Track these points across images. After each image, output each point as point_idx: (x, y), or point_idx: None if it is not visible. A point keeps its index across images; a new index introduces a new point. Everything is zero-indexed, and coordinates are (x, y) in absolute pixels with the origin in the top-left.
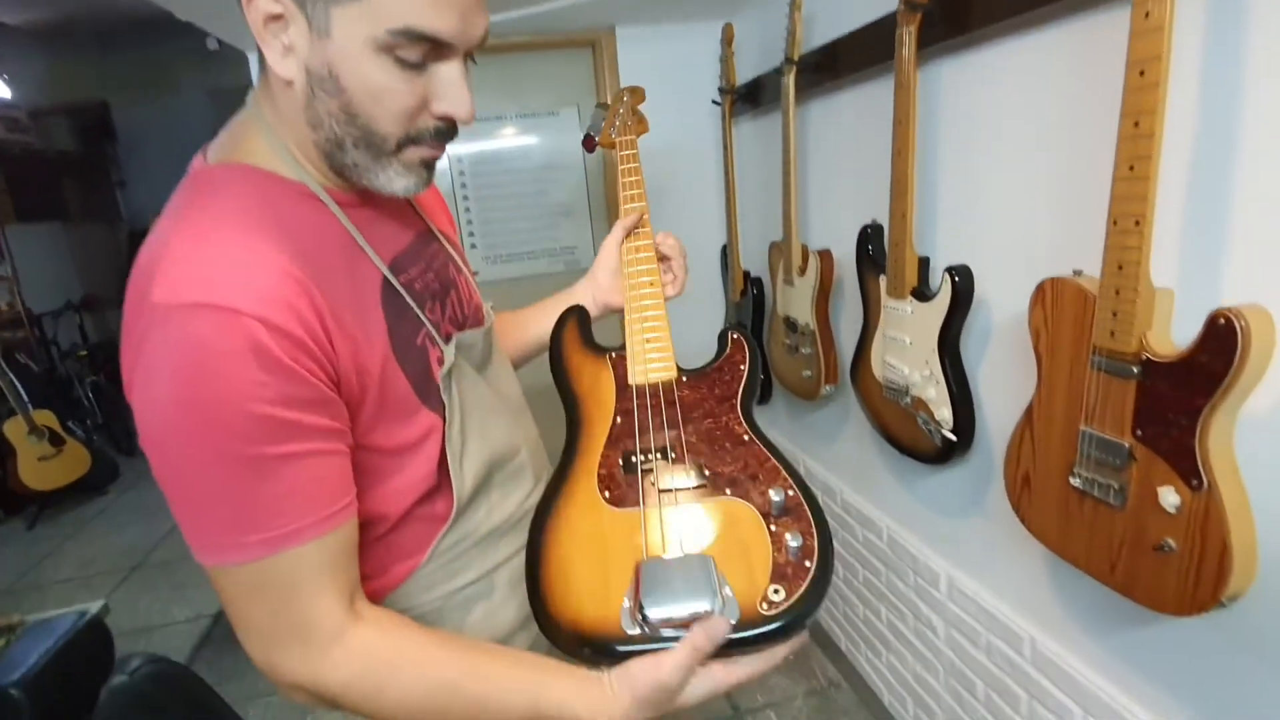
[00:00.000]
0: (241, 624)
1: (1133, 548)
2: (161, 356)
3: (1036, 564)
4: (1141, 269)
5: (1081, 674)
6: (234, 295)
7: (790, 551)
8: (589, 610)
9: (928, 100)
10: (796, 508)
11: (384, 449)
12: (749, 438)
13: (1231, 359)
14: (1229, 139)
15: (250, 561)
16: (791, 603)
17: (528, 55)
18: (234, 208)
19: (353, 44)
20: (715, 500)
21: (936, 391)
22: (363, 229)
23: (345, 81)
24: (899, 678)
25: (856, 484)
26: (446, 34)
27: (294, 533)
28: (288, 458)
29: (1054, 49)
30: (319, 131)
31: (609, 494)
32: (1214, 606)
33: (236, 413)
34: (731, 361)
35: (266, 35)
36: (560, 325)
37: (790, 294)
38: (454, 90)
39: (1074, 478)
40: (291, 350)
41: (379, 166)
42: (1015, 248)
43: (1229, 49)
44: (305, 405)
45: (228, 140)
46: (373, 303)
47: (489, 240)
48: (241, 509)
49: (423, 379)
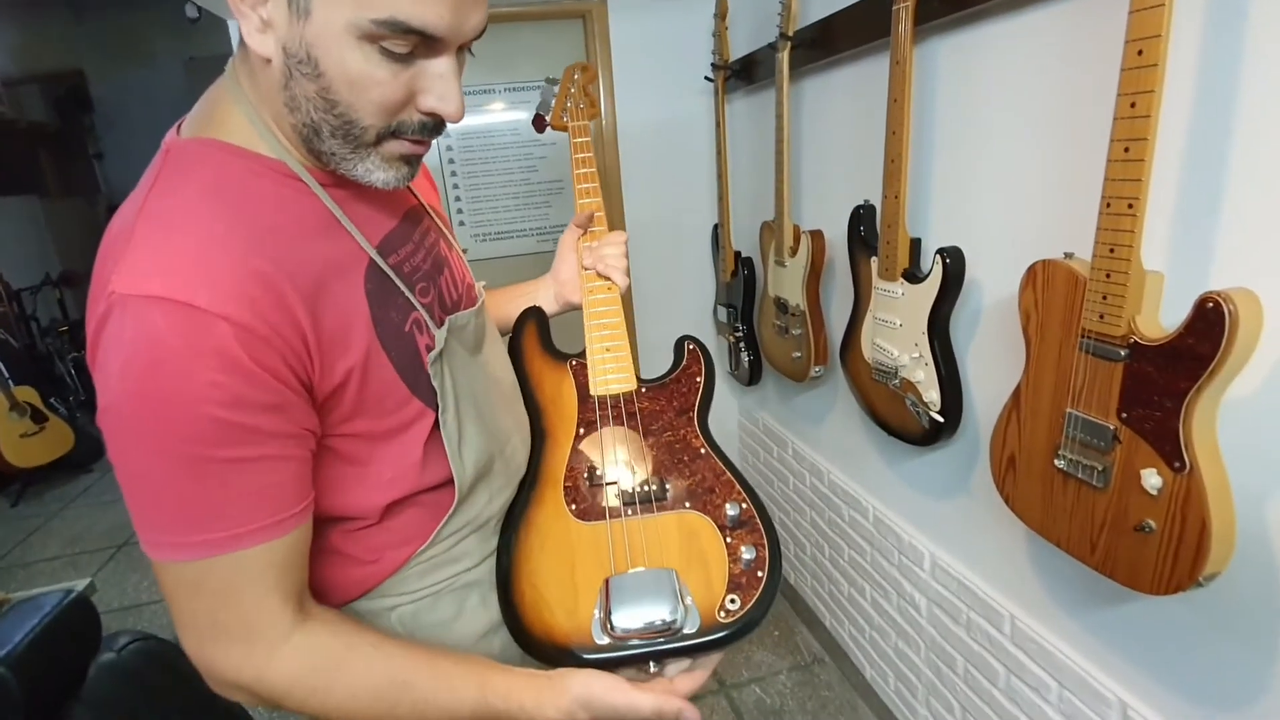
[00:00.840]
0: (180, 619)
1: (1114, 528)
2: (116, 347)
3: (1019, 544)
4: (1133, 252)
5: (1060, 650)
6: (194, 290)
7: (744, 563)
8: (561, 621)
9: (923, 79)
10: (750, 520)
11: (371, 437)
12: (705, 451)
13: (1219, 342)
14: (1225, 122)
15: (191, 560)
16: (746, 610)
17: (517, 26)
18: (204, 190)
19: (333, 28)
20: (675, 514)
21: (925, 374)
22: (347, 209)
23: (324, 66)
24: (881, 653)
25: (844, 464)
26: (436, 28)
27: (239, 537)
28: (238, 462)
29: (1052, 27)
30: (296, 115)
31: (575, 506)
32: (1191, 586)
33: (186, 413)
34: (688, 373)
35: (243, 7)
36: (519, 330)
37: (781, 275)
38: (443, 86)
39: (1058, 459)
40: (253, 349)
41: (356, 158)
42: (1008, 230)
43: (1228, 30)
44: (261, 409)
45: (202, 113)
46: (355, 288)
47: (477, 218)
48: (186, 509)
49: (411, 366)
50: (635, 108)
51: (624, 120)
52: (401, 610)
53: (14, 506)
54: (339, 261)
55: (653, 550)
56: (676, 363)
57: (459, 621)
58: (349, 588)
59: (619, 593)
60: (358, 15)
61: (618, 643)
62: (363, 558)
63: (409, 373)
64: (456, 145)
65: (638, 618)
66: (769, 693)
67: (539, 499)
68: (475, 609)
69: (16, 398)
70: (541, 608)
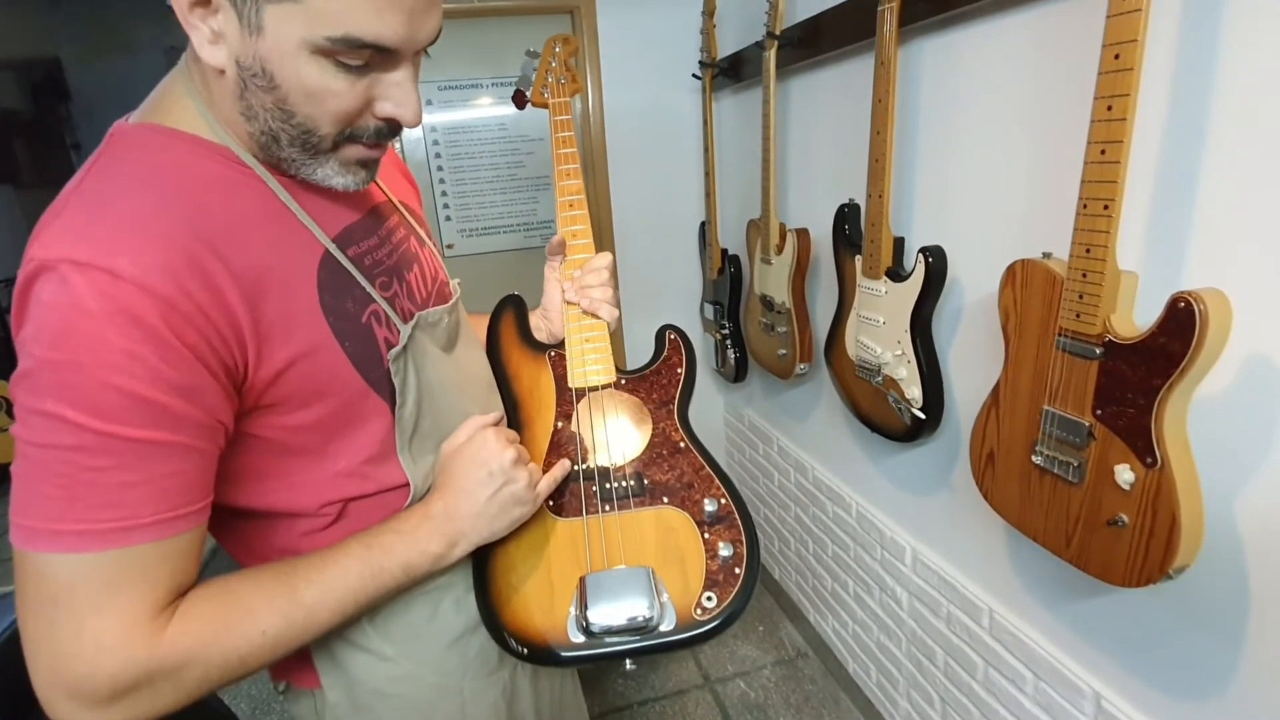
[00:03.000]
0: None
1: (1088, 523)
2: (35, 309)
3: (997, 539)
4: (1109, 252)
5: (1036, 643)
6: (117, 258)
7: (722, 560)
8: (537, 619)
9: (908, 79)
10: (728, 516)
11: (324, 430)
12: (685, 444)
13: (1190, 341)
14: (1198, 126)
15: (66, 554)
16: (723, 607)
17: (504, 20)
18: (141, 170)
19: (287, 44)
20: (654, 509)
21: (907, 371)
22: (304, 200)
23: (279, 79)
24: (864, 647)
25: (828, 460)
26: (391, 41)
27: (130, 529)
28: (141, 444)
29: (1033, 30)
30: (254, 124)
31: (552, 502)
32: (1161, 578)
33: (96, 380)
34: (669, 364)
35: (193, 19)
36: (496, 319)
37: (767, 272)
38: (399, 93)
39: (1036, 455)
40: (174, 323)
41: (315, 163)
42: (989, 229)
43: (1203, 36)
44: (175, 390)
45: (152, 102)
46: (306, 277)
47: (464, 213)
48: (76, 493)
49: (369, 358)
50: (623, 104)
51: (611, 116)
52: (373, 613)
53: None
54: (287, 248)
55: (630, 547)
56: (657, 353)
57: (433, 624)
58: None
59: (595, 590)
60: (311, 33)
61: (594, 640)
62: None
63: (366, 366)
64: (443, 140)
65: (614, 615)
66: (753, 687)
67: None
68: (449, 612)
69: None
70: (518, 605)
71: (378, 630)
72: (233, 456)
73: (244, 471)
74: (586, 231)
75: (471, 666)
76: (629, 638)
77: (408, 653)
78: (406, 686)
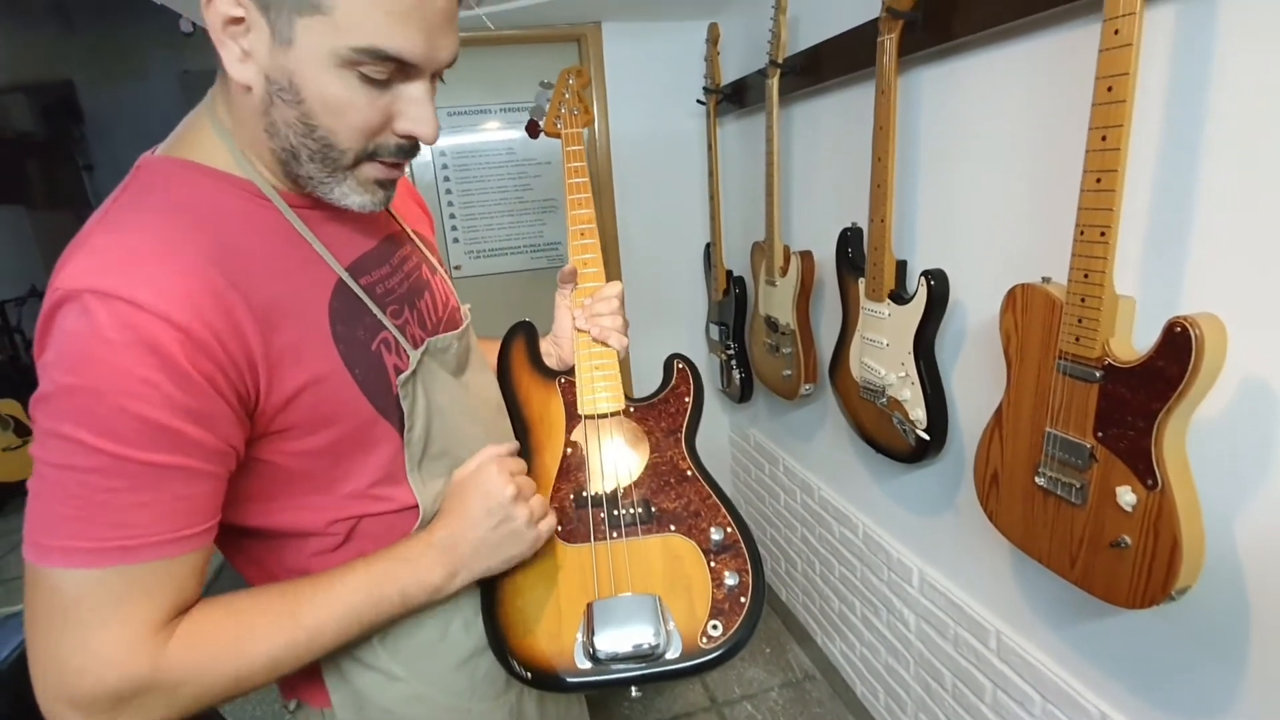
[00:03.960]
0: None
1: (1091, 544)
2: (56, 337)
3: (1003, 560)
4: (1106, 278)
5: (1043, 664)
6: (138, 289)
7: (728, 589)
8: (543, 644)
9: (908, 107)
10: (734, 545)
11: (334, 454)
12: (692, 473)
13: (1186, 365)
14: (1191, 155)
15: (76, 569)
16: (729, 636)
17: (513, 48)
18: (166, 204)
19: (315, 56)
20: (661, 537)
21: (911, 392)
22: (319, 231)
23: (305, 93)
24: (871, 670)
25: (834, 481)
26: (412, 56)
27: (140, 548)
28: (154, 467)
29: (1030, 61)
30: (275, 140)
31: (561, 528)
32: (1164, 599)
33: (109, 407)
34: (676, 393)
35: (225, 38)
36: (508, 344)
37: (772, 294)
38: (418, 109)
39: (1039, 477)
40: (191, 353)
41: (334, 181)
42: (990, 253)
43: (1194, 69)
44: (191, 417)
45: (178, 135)
46: (318, 305)
47: (471, 235)
48: (89, 512)
49: (378, 385)
50: (629, 128)
51: (618, 140)
52: (383, 633)
53: None
54: (302, 278)
55: (637, 573)
56: (665, 382)
57: (443, 645)
58: None
59: (602, 617)
60: (338, 43)
61: (600, 667)
62: None
63: (375, 392)
64: (452, 164)
65: (620, 642)
66: (760, 710)
67: None
68: (459, 633)
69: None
70: (525, 630)
71: (388, 650)
72: (243, 479)
73: (254, 494)
74: (597, 260)
75: (479, 688)
76: (635, 665)
77: (417, 673)
78: (416, 707)
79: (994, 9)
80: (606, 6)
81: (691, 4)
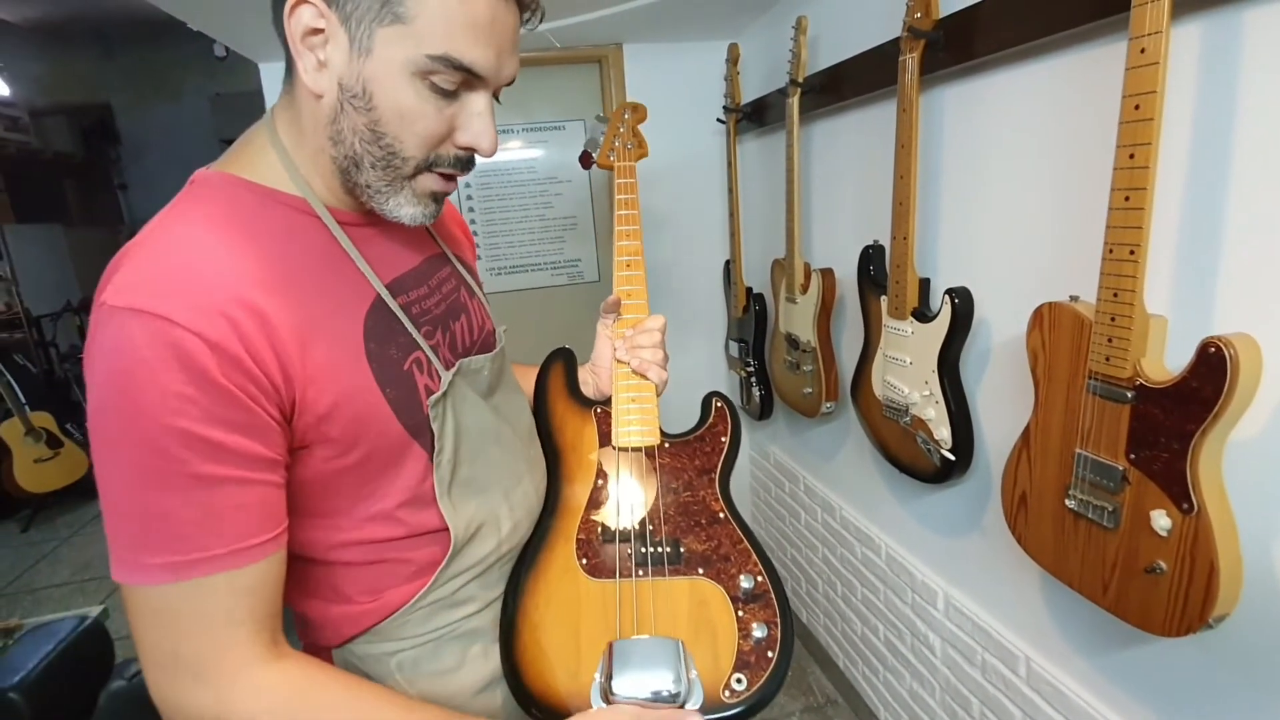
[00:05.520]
0: (143, 652)
1: (1125, 569)
2: (99, 356)
3: (1032, 584)
4: (1136, 297)
5: (1075, 693)
6: (173, 306)
7: (755, 641)
8: (561, 682)
9: (930, 125)
10: (764, 595)
11: (363, 473)
12: (724, 515)
13: (1221, 386)
14: (1222, 172)
15: (152, 585)
16: (752, 692)
17: (536, 70)
18: (212, 218)
19: (391, 64)
20: (688, 579)
21: (936, 412)
22: (363, 248)
23: (378, 99)
24: (895, 695)
25: (856, 501)
26: (482, 68)
27: (199, 562)
28: (203, 480)
29: (1054, 79)
30: (339, 147)
31: (586, 561)
32: (1201, 628)
33: (152, 423)
34: (713, 431)
35: (303, 48)
36: (546, 370)
37: (792, 311)
38: (479, 123)
39: (1069, 499)
40: (227, 369)
41: (391, 190)
42: (1015, 271)
43: (1221, 86)
44: (232, 427)
45: (233, 152)
46: (354, 322)
47: (493, 252)
48: (148, 527)
49: (409, 405)
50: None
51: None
52: (402, 656)
53: (24, 532)
54: (340, 295)
55: (661, 615)
56: (703, 419)
57: (461, 671)
58: (347, 625)
59: (622, 658)
60: (415, 52)
61: None
62: (359, 597)
63: (406, 411)
64: (475, 182)
65: (639, 687)
66: None
67: (550, 549)
68: (477, 659)
69: (33, 423)
70: (542, 664)
71: (406, 677)
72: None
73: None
74: (642, 292)
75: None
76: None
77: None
78: None
79: (1016, 29)
80: (628, 28)
81: (711, 26)
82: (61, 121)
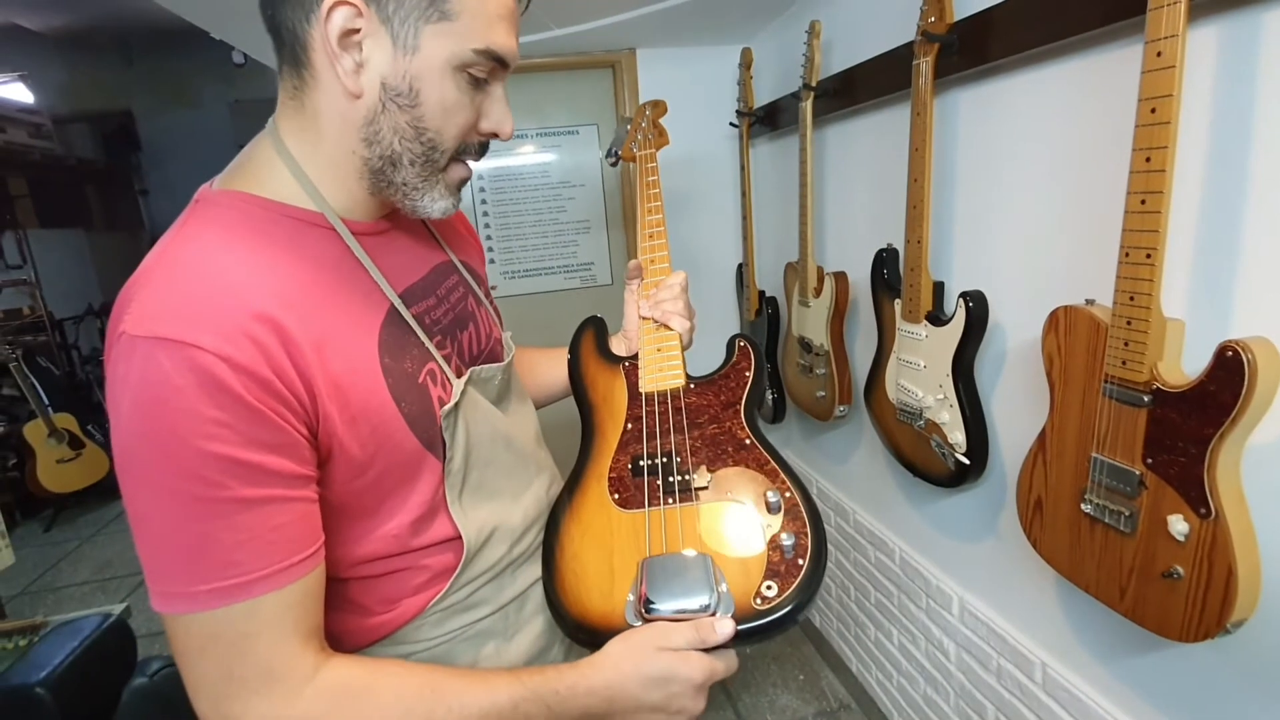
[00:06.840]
0: (193, 679)
1: (1142, 574)
2: (124, 387)
3: (1048, 588)
4: (1153, 300)
5: (1091, 699)
6: (197, 331)
7: (785, 550)
8: (596, 603)
9: (944, 128)
10: (793, 508)
11: (380, 487)
12: (750, 441)
13: (1239, 390)
14: (1239, 175)
15: (201, 612)
16: (784, 598)
17: (550, 75)
18: (223, 238)
19: (437, 61)
20: (716, 503)
21: (950, 415)
22: (376, 258)
23: (424, 96)
24: (909, 700)
25: (869, 505)
26: (510, 55)
27: (248, 584)
28: (244, 502)
29: (1069, 82)
30: (374, 148)
31: (618, 496)
32: (1219, 633)
33: (190, 451)
34: (737, 369)
35: (339, 50)
36: (579, 335)
37: (805, 315)
38: (500, 108)
39: (1085, 504)
40: (256, 390)
41: (427, 186)
42: (1029, 275)
43: (1239, 88)
44: (268, 448)
45: (236, 167)
46: (369, 335)
47: (507, 256)
48: (194, 555)
49: (424, 417)
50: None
51: None
52: (417, 659)
53: (46, 531)
54: (356, 310)
55: (689, 536)
56: (727, 359)
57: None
58: (364, 634)
59: (653, 576)
60: (461, 47)
61: None
62: (377, 608)
63: (421, 424)
64: (489, 186)
65: (671, 600)
66: None
67: (584, 490)
68: (490, 657)
69: (56, 424)
70: (580, 590)
71: None
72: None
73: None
74: (665, 257)
75: None
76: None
77: None
78: None
79: (1031, 32)
80: (641, 33)
81: (724, 30)
82: (84, 128)
